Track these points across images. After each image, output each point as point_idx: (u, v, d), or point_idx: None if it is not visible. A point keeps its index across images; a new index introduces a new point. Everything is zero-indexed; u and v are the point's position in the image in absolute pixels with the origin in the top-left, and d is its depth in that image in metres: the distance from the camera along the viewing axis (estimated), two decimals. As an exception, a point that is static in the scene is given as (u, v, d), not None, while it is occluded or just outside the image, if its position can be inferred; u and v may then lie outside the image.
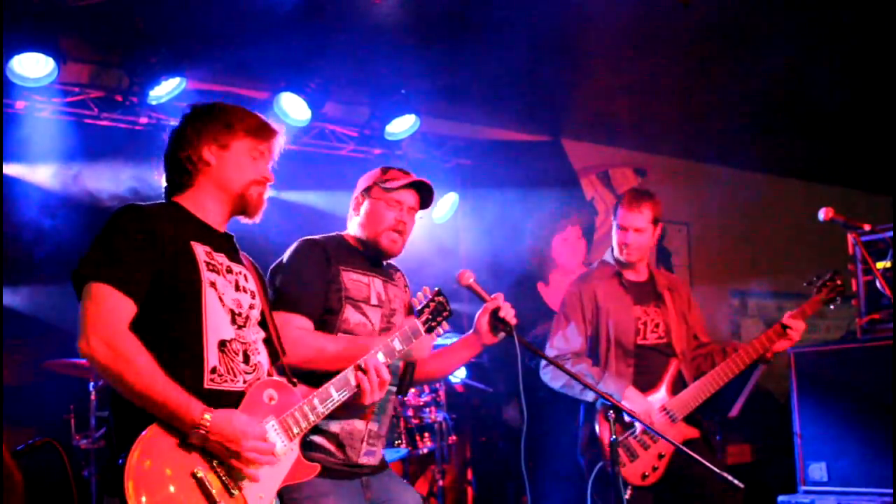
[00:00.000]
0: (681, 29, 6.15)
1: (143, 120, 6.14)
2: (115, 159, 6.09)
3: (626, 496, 4.07)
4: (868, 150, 8.70)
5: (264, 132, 2.87)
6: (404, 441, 5.26)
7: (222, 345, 2.67)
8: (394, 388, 3.47)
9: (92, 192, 5.94)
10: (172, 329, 2.62)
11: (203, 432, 2.50)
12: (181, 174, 2.81)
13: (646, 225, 4.45)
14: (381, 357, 3.01)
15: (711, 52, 6.51)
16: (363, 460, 3.35)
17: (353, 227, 3.53)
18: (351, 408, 3.12)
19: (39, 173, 5.70)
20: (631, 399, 4.23)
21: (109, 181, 6.02)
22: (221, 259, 2.77)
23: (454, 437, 5.91)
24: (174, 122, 5.69)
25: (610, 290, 4.47)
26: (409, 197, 3.49)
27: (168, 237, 2.64)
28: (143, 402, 2.49)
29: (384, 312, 3.44)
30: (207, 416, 2.50)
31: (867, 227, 4.74)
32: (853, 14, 6.13)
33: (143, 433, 2.48)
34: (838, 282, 4.50)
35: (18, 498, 4.06)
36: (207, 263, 2.70)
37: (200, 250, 2.71)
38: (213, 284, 2.68)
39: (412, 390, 5.58)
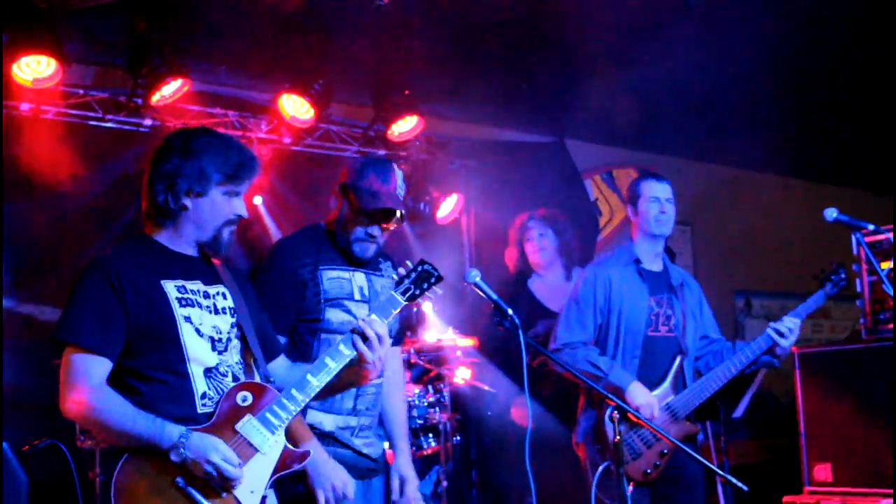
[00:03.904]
0: (684, 28, 6.15)
1: (147, 122, 6.14)
2: (118, 161, 6.10)
3: (629, 493, 4.07)
4: (871, 150, 8.69)
5: (244, 174, 2.92)
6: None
7: (208, 371, 2.84)
8: (379, 381, 3.53)
9: (95, 192, 5.94)
10: (159, 368, 2.79)
11: (182, 450, 2.64)
12: (159, 214, 2.92)
13: (672, 197, 4.49)
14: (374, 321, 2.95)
15: (714, 51, 6.50)
16: (365, 450, 3.51)
17: (332, 220, 3.55)
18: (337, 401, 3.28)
19: (43, 174, 5.69)
20: (635, 394, 4.20)
21: (112, 182, 6.03)
22: (196, 286, 2.91)
23: (459, 438, 5.91)
24: (178, 125, 5.73)
25: (626, 278, 4.43)
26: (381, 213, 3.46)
27: (135, 284, 2.79)
28: (125, 442, 2.70)
29: (373, 306, 3.41)
30: (183, 439, 2.65)
31: (871, 228, 4.72)
32: (856, 13, 6.12)
33: (125, 458, 2.68)
34: (843, 275, 4.48)
35: (24, 499, 4.06)
36: (180, 299, 2.84)
37: (172, 288, 2.85)
38: (188, 319, 2.83)
39: (416, 390, 5.59)
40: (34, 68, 5.42)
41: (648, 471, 4.20)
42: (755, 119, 7.88)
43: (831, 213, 4.30)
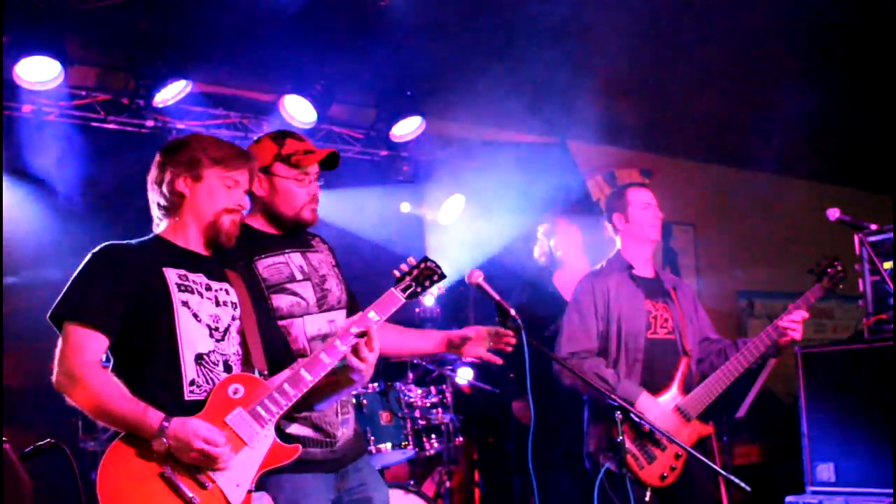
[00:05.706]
0: (686, 30, 6.15)
1: (150, 123, 6.15)
2: (121, 162, 6.11)
3: (647, 498, 4.07)
4: (873, 150, 8.68)
5: (235, 161, 3.00)
6: (411, 443, 5.25)
7: (199, 358, 2.85)
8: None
9: (96, 193, 5.95)
10: (151, 349, 2.81)
11: (163, 438, 2.64)
12: (161, 207, 3.02)
13: None
14: (354, 330, 2.89)
15: (715, 52, 6.50)
16: (339, 432, 3.28)
17: (260, 208, 3.40)
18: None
19: (45, 175, 5.70)
20: (644, 406, 4.20)
21: (114, 184, 6.04)
22: (198, 279, 2.95)
23: (461, 439, 5.91)
24: (181, 126, 5.76)
25: (622, 284, 4.47)
26: (315, 167, 3.46)
27: (138, 269, 2.86)
28: (109, 421, 2.72)
29: (315, 283, 3.36)
30: (166, 423, 2.65)
31: (874, 228, 4.72)
32: (856, 14, 6.12)
33: (110, 447, 2.68)
34: (839, 267, 4.47)
35: (26, 500, 4.07)
36: (179, 285, 2.88)
37: (173, 274, 2.89)
38: (185, 303, 2.86)
39: (418, 391, 5.59)
40: (36, 70, 5.43)
41: (665, 474, 4.19)
42: (757, 120, 7.88)
43: (834, 214, 4.29)
